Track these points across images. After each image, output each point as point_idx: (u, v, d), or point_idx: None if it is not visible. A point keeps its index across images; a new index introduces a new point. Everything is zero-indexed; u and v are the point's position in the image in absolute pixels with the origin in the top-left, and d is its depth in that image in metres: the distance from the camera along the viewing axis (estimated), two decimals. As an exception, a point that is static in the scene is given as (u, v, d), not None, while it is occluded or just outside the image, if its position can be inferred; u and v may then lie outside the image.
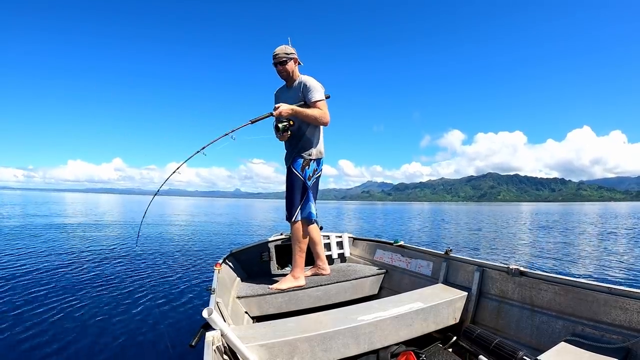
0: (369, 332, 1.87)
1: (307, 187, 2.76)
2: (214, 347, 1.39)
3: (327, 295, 2.80)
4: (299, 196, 2.76)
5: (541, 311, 1.94)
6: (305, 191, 2.77)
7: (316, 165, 2.81)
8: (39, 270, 5.43)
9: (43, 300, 4.00)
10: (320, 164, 2.87)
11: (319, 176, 2.87)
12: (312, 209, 2.79)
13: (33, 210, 21.05)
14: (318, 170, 2.84)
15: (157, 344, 2.97)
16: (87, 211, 23.65)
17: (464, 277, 2.45)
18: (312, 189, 2.80)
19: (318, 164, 2.83)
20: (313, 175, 2.80)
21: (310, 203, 2.79)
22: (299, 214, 2.76)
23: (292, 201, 2.76)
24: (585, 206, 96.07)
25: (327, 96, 2.77)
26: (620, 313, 1.61)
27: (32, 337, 3.01)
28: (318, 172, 2.85)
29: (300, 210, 2.76)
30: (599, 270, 6.27)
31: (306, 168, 2.75)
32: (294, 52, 2.76)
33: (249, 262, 3.38)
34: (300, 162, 2.75)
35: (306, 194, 2.78)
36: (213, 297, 1.87)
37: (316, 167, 2.81)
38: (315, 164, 2.79)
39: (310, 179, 2.78)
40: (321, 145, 2.83)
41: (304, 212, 2.78)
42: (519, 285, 2.09)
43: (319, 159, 2.83)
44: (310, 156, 2.76)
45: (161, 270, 5.81)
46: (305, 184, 2.76)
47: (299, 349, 1.70)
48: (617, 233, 13.46)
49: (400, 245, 3.20)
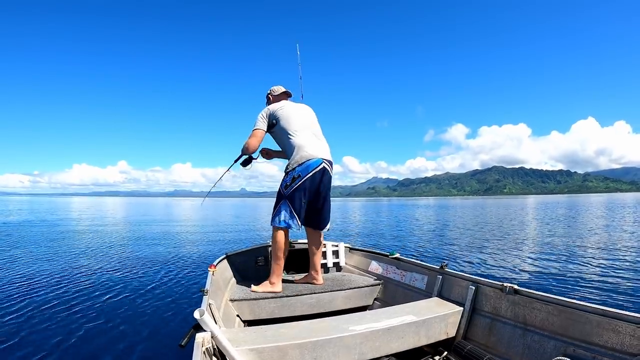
0: (360, 343, 1.86)
1: (282, 195, 2.83)
2: (203, 348, 1.39)
3: (320, 303, 2.79)
4: (275, 205, 2.88)
5: (533, 330, 1.91)
6: (279, 200, 2.86)
7: (297, 173, 2.77)
8: (35, 274, 5.42)
9: (37, 301, 4.05)
10: (306, 168, 2.78)
11: (304, 181, 2.77)
12: (284, 217, 2.78)
13: (38, 216, 21.23)
14: (302, 176, 2.76)
15: (147, 343, 2.98)
16: (91, 215, 23.82)
17: (458, 292, 2.42)
18: (288, 198, 2.78)
19: (302, 170, 2.77)
20: (292, 183, 2.77)
21: (283, 211, 2.79)
22: (272, 220, 2.86)
23: (273, 209, 2.92)
24: (592, 197, 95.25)
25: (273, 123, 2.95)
26: (613, 335, 1.58)
27: (27, 338, 3.04)
28: (302, 178, 2.76)
29: (273, 218, 2.86)
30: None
31: (284, 178, 2.86)
32: (267, 93, 3.24)
33: (244, 265, 3.39)
34: (284, 176, 2.89)
35: (280, 202, 2.84)
36: (205, 298, 1.88)
37: (297, 174, 2.77)
38: (294, 172, 2.78)
39: (288, 187, 2.78)
40: (299, 154, 2.80)
41: (275, 220, 2.82)
42: (512, 304, 2.05)
43: (300, 164, 2.78)
44: (287, 169, 2.86)
45: (154, 270, 5.87)
46: (282, 193, 2.84)
47: (289, 355, 1.69)
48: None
49: (395, 257, 3.19)
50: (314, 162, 2.81)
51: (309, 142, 2.88)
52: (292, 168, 2.81)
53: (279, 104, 3.04)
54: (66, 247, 8.65)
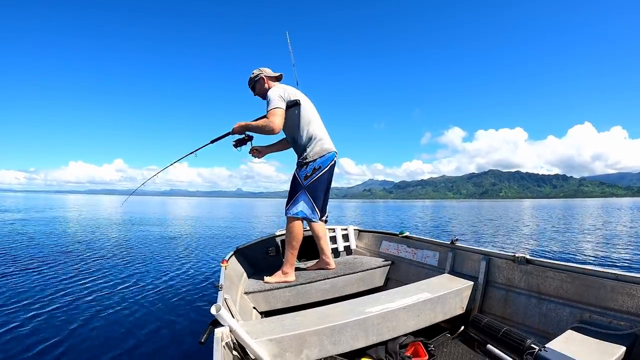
0: (377, 324, 1.87)
1: (301, 186, 2.80)
2: (223, 343, 1.39)
3: (334, 288, 2.81)
4: (292, 195, 2.85)
5: (548, 299, 1.95)
6: (297, 190, 2.82)
7: (317, 164, 2.81)
8: (48, 270, 5.47)
9: (54, 297, 4.04)
10: (326, 160, 2.85)
11: (325, 172, 2.84)
12: (303, 207, 2.79)
13: (36, 214, 21.09)
14: (323, 166, 2.82)
15: (167, 342, 2.96)
16: (89, 213, 23.71)
17: (470, 266, 2.46)
18: (307, 189, 2.80)
19: (323, 162, 2.83)
20: (312, 174, 2.79)
21: (302, 202, 2.79)
22: (289, 210, 2.82)
23: (288, 198, 2.88)
24: (588, 201, 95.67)
25: (295, 102, 2.81)
26: (628, 299, 1.62)
27: (46, 336, 3.03)
28: (323, 169, 2.82)
29: (290, 208, 2.82)
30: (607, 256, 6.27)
31: (303, 168, 2.82)
32: (258, 73, 2.96)
33: (256, 257, 3.38)
34: (298, 165, 2.86)
35: (298, 192, 2.81)
36: (221, 293, 1.88)
37: (317, 165, 2.81)
38: (315, 163, 2.81)
39: (308, 178, 2.79)
40: (317, 146, 2.83)
41: (293, 210, 2.80)
42: (525, 274, 2.09)
43: (321, 156, 2.82)
44: (306, 159, 2.81)
45: (168, 269, 5.81)
46: (300, 184, 2.81)
47: (307, 342, 1.70)
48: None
49: (405, 236, 3.20)
50: (331, 155, 2.88)
51: (325, 133, 2.93)
52: (312, 159, 2.80)
53: (288, 86, 2.95)
54: (74, 248, 8.57)
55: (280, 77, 3.04)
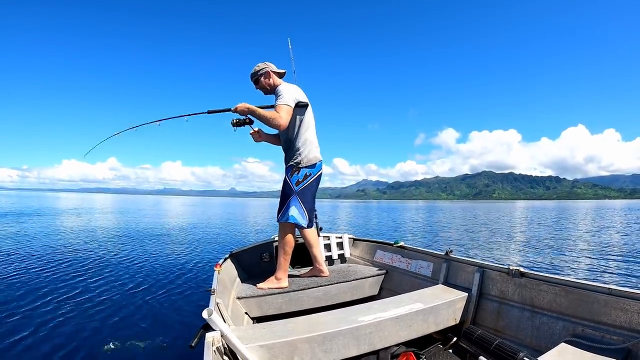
0: (369, 333, 1.87)
1: (293, 191, 2.80)
2: (214, 347, 1.39)
3: (327, 295, 2.80)
4: (284, 200, 2.84)
5: (541, 312, 1.95)
6: (289, 195, 2.82)
7: (309, 170, 2.83)
8: (38, 270, 5.38)
9: (43, 300, 3.98)
10: (317, 168, 2.89)
11: (313, 180, 2.87)
12: (294, 212, 2.78)
13: (30, 212, 20.90)
14: (312, 174, 2.85)
15: (157, 345, 2.95)
16: (82, 212, 23.50)
17: (464, 278, 2.46)
18: (299, 194, 2.81)
19: (312, 169, 2.85)
20: (304, 180, 2.81)
21: (293, 207, 2.79)
22: (281, 216, 2.82)
23: (279, 204, 2.88)
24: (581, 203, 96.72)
25: (304, 105, 2.79)
26: (621, 314, 1.62)
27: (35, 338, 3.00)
28: (312, 176, 2.85)
29: (282, 213, 2.82)
30: (599, 268, 6.32)
31: (295, 174, 2.82)
32: (263, 67, 2.89)
33: (249, 262, 3.37)
34: (290, 170, 2.85)
35: (290, 198, 2.81)
36: (213, 297, 1.87)
37: (309, 172, 2.83)
38: (307, 169, 2.82)
39: (300, 184, 2.81)
40: (311, 153, 2.84)
41: (285, 216, 2.79)
42: (519, 286, 2.09)
43: (313, 164, 2.85)
44: (299, 164, 2.80)
45: (160, 271, 5.76)
46: (292, 189, 2.81)
47: (299, 349, 1.70)
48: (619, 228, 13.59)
49: (400, 246, 3.19)
50: (320, 164, 2.93)
51: (316, 141, 2.94)
52: (305, 165, 2.81)
53: (299, 87, 2.93)
54: (66, 248, 8.45)
55: (283, 74, 3.02)
